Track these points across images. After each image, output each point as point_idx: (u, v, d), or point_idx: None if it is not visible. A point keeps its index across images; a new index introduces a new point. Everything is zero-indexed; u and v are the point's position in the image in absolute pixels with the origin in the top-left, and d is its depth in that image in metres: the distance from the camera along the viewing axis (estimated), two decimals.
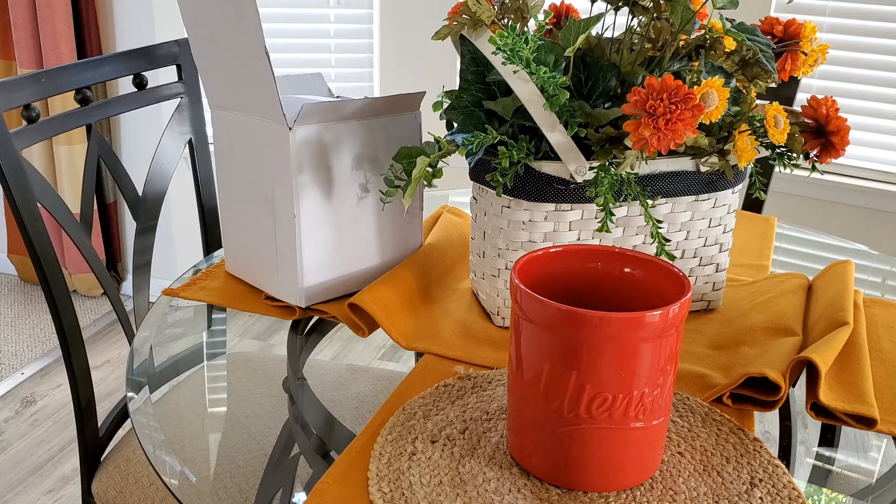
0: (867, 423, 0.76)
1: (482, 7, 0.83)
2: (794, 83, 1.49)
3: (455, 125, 0.93)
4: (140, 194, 1.28)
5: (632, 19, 0.91)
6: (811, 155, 0.94)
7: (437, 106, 0.92)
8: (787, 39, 0.96)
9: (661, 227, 0.87)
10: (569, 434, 0.65)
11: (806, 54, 0.95)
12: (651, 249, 0.92)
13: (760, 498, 0.66)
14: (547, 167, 0.84)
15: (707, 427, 0.75)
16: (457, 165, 0.90)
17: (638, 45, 0.89)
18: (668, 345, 0.63)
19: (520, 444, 0.69)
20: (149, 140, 2.49)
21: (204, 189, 1.40)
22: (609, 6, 0.90)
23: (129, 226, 2.66)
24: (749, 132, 0.86)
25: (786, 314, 0.93)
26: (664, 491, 0.67)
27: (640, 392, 0.63)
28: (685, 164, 0.88)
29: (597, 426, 0.64)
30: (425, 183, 0.87)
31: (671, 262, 0.93)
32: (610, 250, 0.73)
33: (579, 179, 0.84)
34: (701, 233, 0.94)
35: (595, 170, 0.83)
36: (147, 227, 1.29)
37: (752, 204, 1.58)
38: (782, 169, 0.92)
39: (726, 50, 0.90)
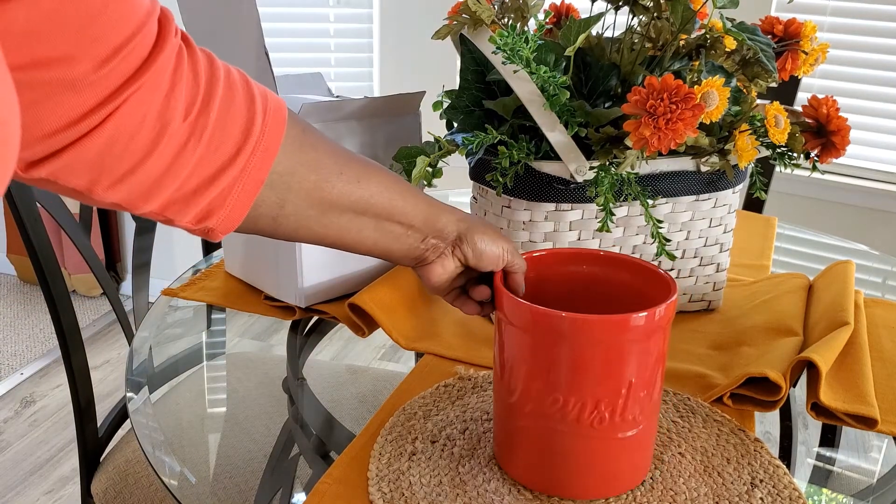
0: (868, 423, 0.76)
1: (482, 6, 0.83)
2: (794, 83, 1.49)
3: (455, 125, 0.93)
4: None
5: (632, 19, 0.91)
6: (812, 155, 0.94)
7: (437, 106, 0.92)
8: (787, 39, 0.96)
9: (661, 227, 0.87)
10: (556, 440, 0.63)
11: (806, 54, 0.94)
12: (652, 249, 0.92)
13: (761, 498, 0.66)
14: (547, 167, 0.84)
15: (708, 427, 0.75)
16: (457, 165, 0.90)
17: (638, 44, 0.89)
18: (655, 347, 0.62)
19: (505, 453, 0.68)
20: None
21: None
22: (609, 6, 0.90)
23: (128, 225, 2.66)
24: (749, 132, 0.86)
25: (786, 314, 0.93)
26: (664, 491, 0.67)
27: (625, 396, 0.61)
28: (686, 163, 0.88)
29: (583, 432, 0.62)
30: (425, 183, 0.87)
31: (671, 261, 0.93)
32: (594, 253, 0.72)
33: (579, 179, 0.83)
34: (701, 233, 0.93)
35: (595, 169, 0.83)
36: (146, 227, 1.29)
37: (753, 204, 1.58)
38: (783, 169, 0.92)
39: (727, 49, 0.90)
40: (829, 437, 0.82)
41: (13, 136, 0.32)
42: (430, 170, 0.87)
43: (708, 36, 0.90)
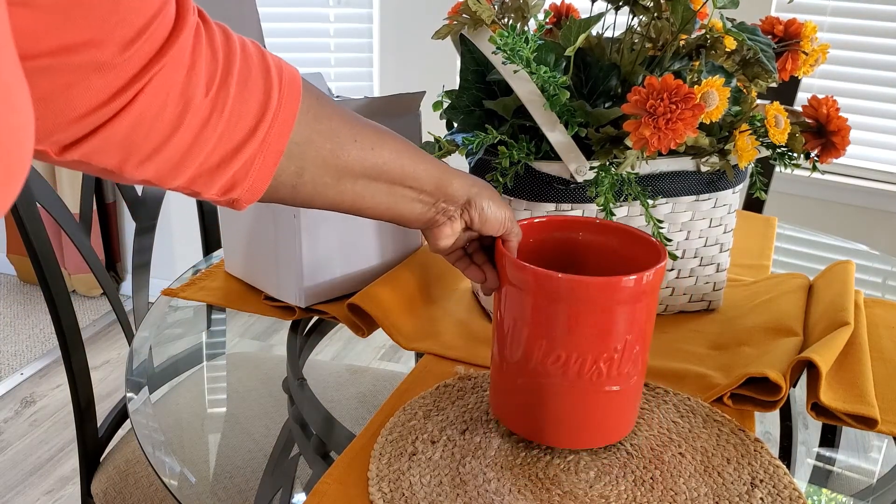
0: (868, 423, 0.76)
1: (482, 6, 0.83)
2: (794, 83, 1.49)
3: (455, 125, 0.93)
4: (139, 194, 1.28)
5: (632, 19, 0.91)
6: (812, 155, 0.94)
7: (437, 106, 0.92)
8: (787, 39, 0.95)
9: (661, 227, 0.87)
10: (554, 394, 0.68)
11: (807, 54, 0.94)
12: None
13: (761, 498, 0.66)
14: (547, 167, 0.84)
15: (708, 428, 0.75)
16: (457, 165, 0.90)
17: (638, 44, 0.89)
18: (646, 308, 0.67)
19: (501, 402, 0.73)
20: None
21: None
22: (609, 6, 0.90)
23: (128, 226, 2.66)
24: (750, 132, 0.86)
25: (786, 314, 0.93)
26: (664, 491, 0.67)
27: (621, 351, 0.67)
28: (686, 163, 0.88)
29: (582, 386, 0.67)
30: None
31: (672, 261, 0.93)
32: (590, 221, 0.77)
33: (580, 179, 0.83)
34: (702, 233, 0.93)
35: (595, 169, 0.83)
36: (146, 227, 1.29)
37: (753, 204, 1.58)
38: (783, 169, 0.92)
39: (727, 49, 0.90)
40: (829, 437, 0.82)
41: (28, 124, 0.34)
42: None
43: (708, 36, 0.90)
